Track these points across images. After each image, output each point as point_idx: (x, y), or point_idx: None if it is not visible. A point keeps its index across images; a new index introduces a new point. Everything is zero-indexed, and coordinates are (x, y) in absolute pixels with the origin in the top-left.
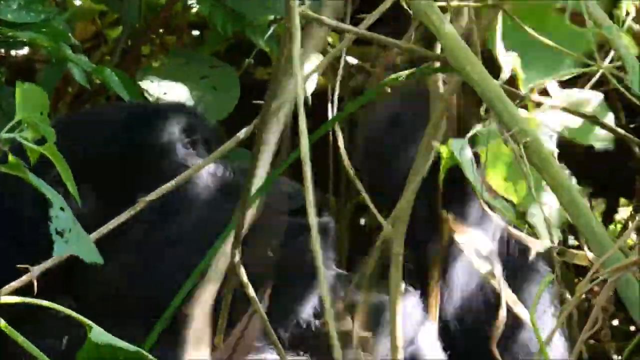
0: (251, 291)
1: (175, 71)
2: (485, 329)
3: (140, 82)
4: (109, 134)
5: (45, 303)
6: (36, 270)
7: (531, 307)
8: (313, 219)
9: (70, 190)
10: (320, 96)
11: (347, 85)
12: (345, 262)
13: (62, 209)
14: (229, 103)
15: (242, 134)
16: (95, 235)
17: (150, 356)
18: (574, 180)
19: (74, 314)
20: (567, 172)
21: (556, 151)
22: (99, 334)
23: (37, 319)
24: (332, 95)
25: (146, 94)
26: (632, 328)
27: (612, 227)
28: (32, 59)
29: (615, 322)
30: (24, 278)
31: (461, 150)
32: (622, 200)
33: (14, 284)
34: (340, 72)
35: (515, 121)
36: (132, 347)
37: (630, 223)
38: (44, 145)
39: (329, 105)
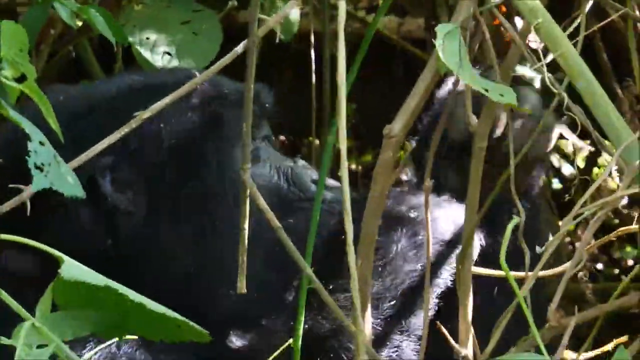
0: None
1: (156, 15)
2: None
3: (123, 27)
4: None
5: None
6: (27, 192)
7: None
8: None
9: (51, 125)
10: (303, 38)
11: (329, 28)
12: None
13: (41, 143)
14: (212, 49)
15: (239, 48)
16: (77, 161)
17: (119, 288)
18: None
19: (46, 248)
20: None
21: None
22: (69, 269)
23: None
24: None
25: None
26: (616, 271)
27: (595, 170)
28: (15, 2)
29: (600, 266)
30: (16, 199)
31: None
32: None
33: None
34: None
35: None
36: (101, 282)
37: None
38: (24, 83)
39: (312, 47)
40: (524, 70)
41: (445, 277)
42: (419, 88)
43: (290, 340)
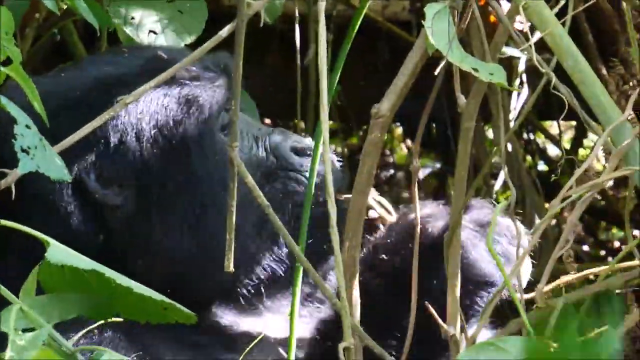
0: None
1: None
2: None
3: (108, 8)
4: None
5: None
6: (12, 176)
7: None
8: None
9: (36, 108)
10: (288, 20)
11: (314, 9)
12: None
13: (27, 126)
14: (197, 26)
15: (224, 32)
16: (58, 147)
17: (106, 271)
18: None
19: (32, 231)
20: None
21: None
22: (55, 252)
23: None
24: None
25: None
26: (603, 252)
27: (581, 151)
28: None
29: (586, 247)
30: (2, 182)
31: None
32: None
33: None
34: None
35: None
36: (87, 265)
37: (594, 145)
38: (9, 66)
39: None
40: (510, 51)
41: None
42: (407, 67)
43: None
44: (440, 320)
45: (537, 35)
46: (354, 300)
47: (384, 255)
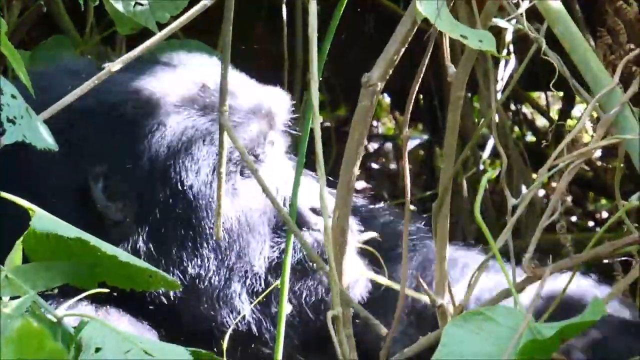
0: None
1: None
2: None
3: None
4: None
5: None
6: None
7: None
8: None
9: (22, 79)
10: None
11: None
12: None
13: (13, 96)
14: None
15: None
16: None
17: (91, 240)
18: None
19: (17, 199)
20: None
21: None
22: (40, 221)
23: None
24: None
25: None
26: (591, 223)
27: (569, 122)
28: None
29: (574, 218)
30: None
31: None
32: (578, 98)
33: None
34: None
35: None
36: (73, 233)
37: (587, 120)
38: None
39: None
40: (497, 21)
41: None
42: (398, 35)
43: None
44: (428, 290)
45: (526, 3)
46: (343, 269)
47: None
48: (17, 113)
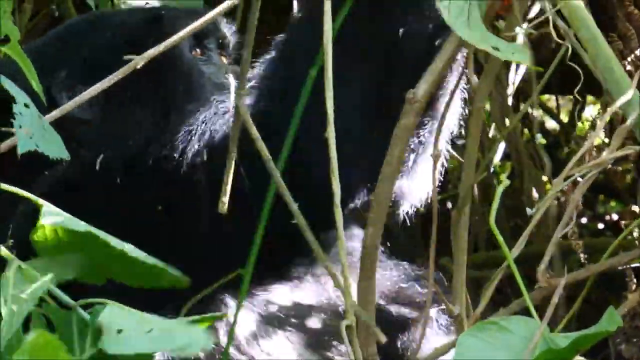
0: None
1: None
2: None
3: None
4: (117, 39)
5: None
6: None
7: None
8: None
9: (34, 87)
10: None
11: None
12: None
13: (26, 105)
14: None
15: None
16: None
17: (100, 235)
18: None
19: (27, 194)
20: None
21: None
22: (49, 215)
23: None
24: None
25: None
26: (601, 226)
27: (580, 124)
28: None
29: (584, 220)
30: None
31: None
32: (590, 98)
33: None
34: None
35: None
36: (82, 227)
37: (598, 121)
38: (8, 44)
39: None
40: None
41: None
42: (444, 53)
43: None
44: (445, 300)
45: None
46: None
47: None
48: (29, 122)
